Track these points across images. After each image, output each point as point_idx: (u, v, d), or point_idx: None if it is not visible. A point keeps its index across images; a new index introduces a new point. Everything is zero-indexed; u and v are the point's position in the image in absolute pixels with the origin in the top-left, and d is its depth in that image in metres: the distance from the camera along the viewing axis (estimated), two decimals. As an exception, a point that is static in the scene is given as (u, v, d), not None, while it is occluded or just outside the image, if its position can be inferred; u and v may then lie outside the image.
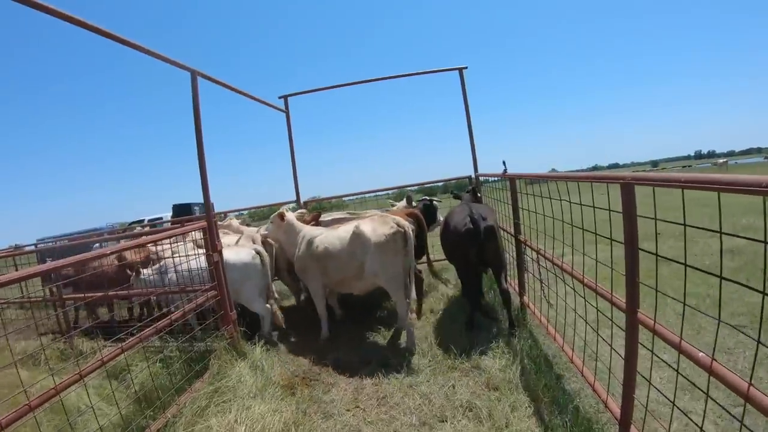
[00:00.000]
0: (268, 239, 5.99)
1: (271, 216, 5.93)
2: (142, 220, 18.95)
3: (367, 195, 8.65)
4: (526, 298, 4.99)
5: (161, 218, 18.58)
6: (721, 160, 56.09)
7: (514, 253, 5.15)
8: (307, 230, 5.57)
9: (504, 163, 5.24)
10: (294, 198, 8.37)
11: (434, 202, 7.25)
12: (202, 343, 4.59)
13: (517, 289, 5.22)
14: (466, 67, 7.93)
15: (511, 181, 5.02)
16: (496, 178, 6.56)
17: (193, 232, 5.25)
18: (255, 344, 4.85)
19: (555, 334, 3.82)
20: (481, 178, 7.73)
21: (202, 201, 15.95)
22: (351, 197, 9.17)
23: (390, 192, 9.10)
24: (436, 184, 8.91)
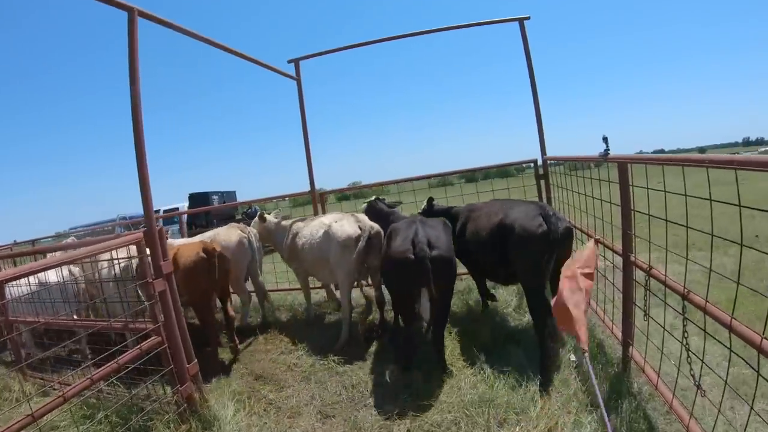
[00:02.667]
0: None
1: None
2: (158, 210, 17.99)
3: (399, 183, 6.75)
4: (633, 349, 3.21)
5: (177, 208, 17.62)
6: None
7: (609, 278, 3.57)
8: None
9: (605, 140, 3.32)
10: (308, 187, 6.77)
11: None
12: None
13: (617, 333, 3.45)
14: (529, 18, 6.08)
15: (620, 167, 3.11)
16: (582, 164, 4.61)
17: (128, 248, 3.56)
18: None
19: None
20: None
21: (221, 190, 14.34)
22: (388, 185, 7.13)
23: (426, 180, 7.11)
24: (489, 170, 6.95)
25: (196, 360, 3.45)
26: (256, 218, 5.83)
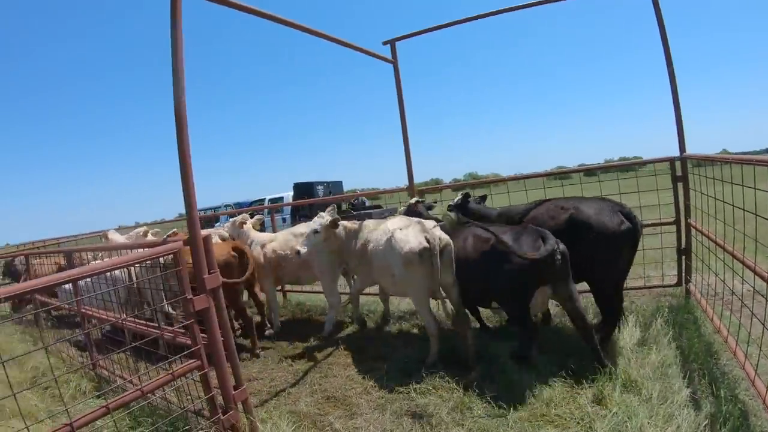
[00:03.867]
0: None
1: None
2: (263, 200, 18.69)
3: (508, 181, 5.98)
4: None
5: (282, 198, 17.97)
6: None
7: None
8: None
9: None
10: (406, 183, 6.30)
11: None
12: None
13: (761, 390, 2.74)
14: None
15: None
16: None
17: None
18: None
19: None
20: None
21: (327, 180, 14.17)
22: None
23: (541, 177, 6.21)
24: (621, 167, 5.91)
25: (245, 386, 3.03)
26: (326, 222, 4.88)
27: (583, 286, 4.01)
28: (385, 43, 5.95)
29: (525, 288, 3.54)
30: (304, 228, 5.49)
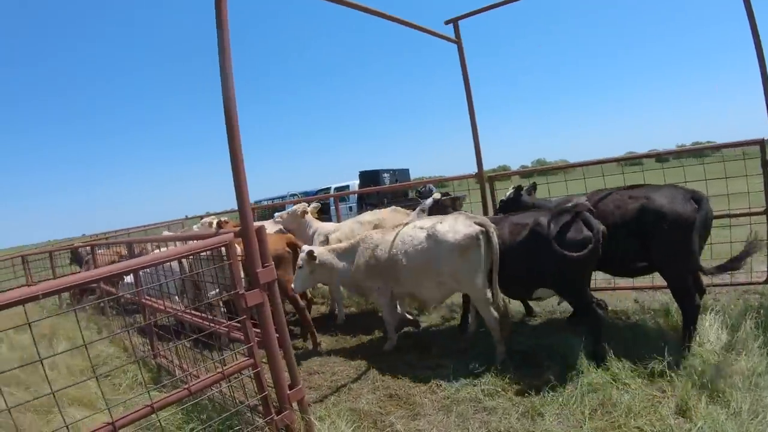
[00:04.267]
0: None
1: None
2: (329, 188, 18.36)
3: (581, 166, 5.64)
4: None
5: (348, 186, 17.62)
6: None
7: None
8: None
9: None
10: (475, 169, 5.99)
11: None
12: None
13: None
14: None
15: None
16: None
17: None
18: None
19: None
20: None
21: (393, 168, 13.67)
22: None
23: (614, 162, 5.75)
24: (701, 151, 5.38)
25: (300, 385, 2.90)
26: (304, 256, 4.51)
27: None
28: (447, 23, 5.71)
29: (585, 273, 3.63)
30: (370, 216, 5.33)
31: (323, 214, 14.25)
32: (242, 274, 2.74)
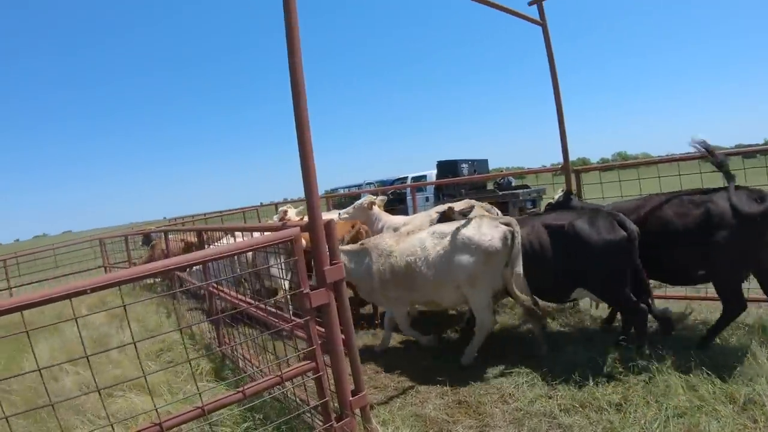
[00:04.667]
0: None
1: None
2: (405, 178, 17.86)
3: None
4: None
5: (425, 176, 16.97)
6: None
7: None
8: None
9: None
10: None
11: None
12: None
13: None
14: None
15: None
16: None
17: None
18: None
19: None
20: None
21: (471, 158, 12.71)
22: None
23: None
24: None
25: (364, 392, 2.68)
26: None
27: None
28: (531, 4, 5.30)
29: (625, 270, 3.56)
30: (442, 209, 5.05)
31: (400, 204, 14.13)
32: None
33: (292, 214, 6.00)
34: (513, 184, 14.10)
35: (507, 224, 3.79)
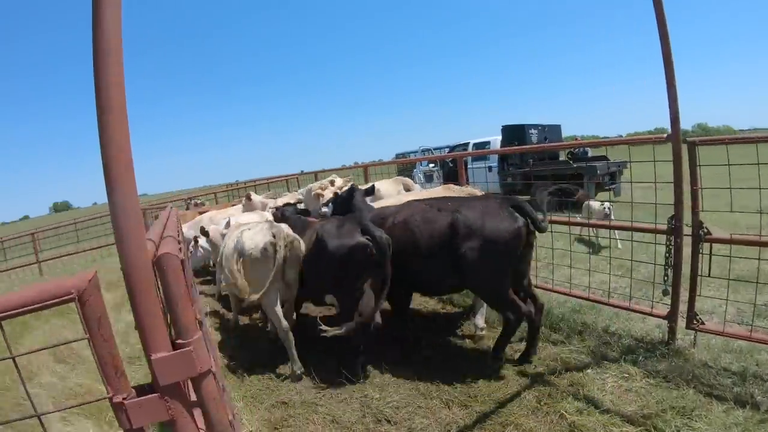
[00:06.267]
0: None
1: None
2: (467, 144, 15.96)
3: None
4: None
5: (488, 143, 15.07)
6: None
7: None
8: None
9: None
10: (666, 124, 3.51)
11: None
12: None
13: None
14: None
15: None
16: None
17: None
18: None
19: None
20: None
21: (542, 123, 11.59)
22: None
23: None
24: None
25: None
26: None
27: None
28: None
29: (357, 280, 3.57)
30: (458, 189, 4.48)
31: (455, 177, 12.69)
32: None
33: (340, 183, 5.54)
34: (589, 155, 12.95)
35: (275, 235, 3.73)
